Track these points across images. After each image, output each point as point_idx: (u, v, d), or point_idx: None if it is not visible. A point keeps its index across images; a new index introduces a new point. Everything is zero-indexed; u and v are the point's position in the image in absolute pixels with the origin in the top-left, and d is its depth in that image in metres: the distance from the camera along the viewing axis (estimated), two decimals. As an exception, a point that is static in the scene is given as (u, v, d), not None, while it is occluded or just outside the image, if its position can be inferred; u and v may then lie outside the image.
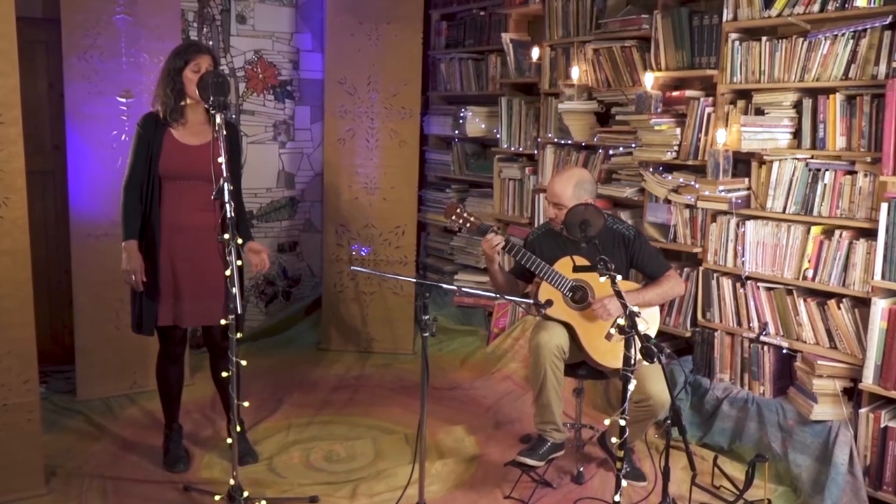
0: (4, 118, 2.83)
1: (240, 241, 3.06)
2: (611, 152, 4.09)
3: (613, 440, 2.50)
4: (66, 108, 3.87)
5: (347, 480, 3.20)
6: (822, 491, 2.98)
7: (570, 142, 4.32)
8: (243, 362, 2.76)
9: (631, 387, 2.42)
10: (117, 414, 3.84)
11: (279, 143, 5.17)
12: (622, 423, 2.42)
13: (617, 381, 3.05)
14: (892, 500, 2.92)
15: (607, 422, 3.10)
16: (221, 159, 2.70)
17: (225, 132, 3.10)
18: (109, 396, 3.98)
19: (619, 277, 2.65)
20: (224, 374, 2.82)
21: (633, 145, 3.86)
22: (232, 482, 2.78)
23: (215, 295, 3.04)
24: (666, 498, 2.55)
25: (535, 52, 4.52)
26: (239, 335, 2.75)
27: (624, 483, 2.49)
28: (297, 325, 5.17)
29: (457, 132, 5.19)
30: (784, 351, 3.34)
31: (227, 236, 2.67)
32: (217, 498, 2.83)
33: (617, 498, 2.48)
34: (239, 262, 2.68)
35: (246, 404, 3.02)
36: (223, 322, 2.73)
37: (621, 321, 2.42)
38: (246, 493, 2.80)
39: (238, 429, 2.86)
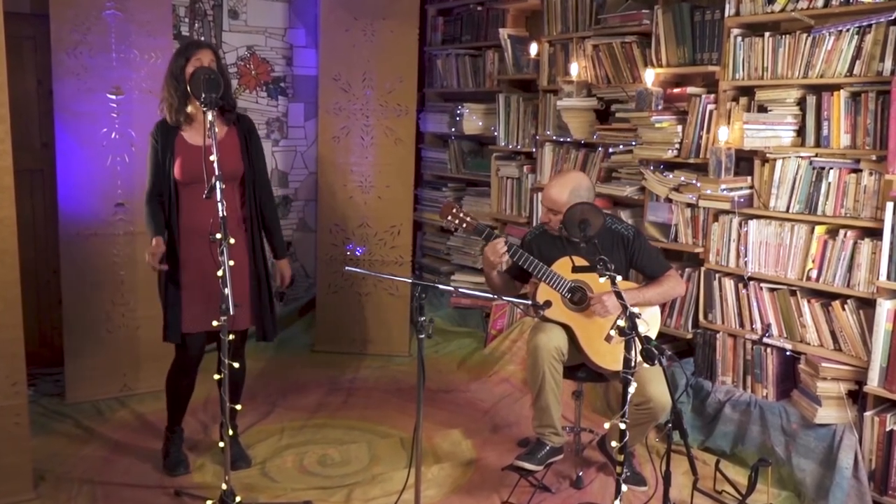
0: (-9, 115, 2.79)
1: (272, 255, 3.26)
2: (611, 150, 4.04)
3: (613, 444, 2.46)
4: (55, 104, 3.82)
5: (342, 485, 3.17)
6: (826, 496, 2.95)
7: (569, 140, 4.27)
8: (235, 364, 2.71)
9: (631, 389, 2.38)
10: (107, 417, 3.78)
11: (272, 141, 5.11)
12: (622, 426, 2.38)
13: (617, 384, 3.01)
14: (897, 504, 2.89)
15: (607, 425, 3.06)
16: (213, 157, 2.67)
17: (232, 128, 3.10)
18: (99, 399, 3.93)
19: (618, 278, 2.61)
20: (216, 377, 2.76)
21: (634, 143, 3.81)
22: (224, 487, 2.75)
23: (240, 299, 2.99)
24: (667, 503, 2.50)
25: (534, 48, 4.46)
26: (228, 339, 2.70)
27: (624, 488, 2.44)
28: (291, 326, 5.12)
29: (453, 130, 5.13)
30: (787, 353, 3.29)
31: (218, 236, 2.62)
32: (209, 503, 2.78)
33: (617, 503, 2.43)
34: (231, 262, 2.62)
35: (238, 407, 2.99)
36: (215, 325, 2.67)
37: (621, 322, 2.38)
38: (238, 499, 2.76)
39: (230, 432, 2.82)
